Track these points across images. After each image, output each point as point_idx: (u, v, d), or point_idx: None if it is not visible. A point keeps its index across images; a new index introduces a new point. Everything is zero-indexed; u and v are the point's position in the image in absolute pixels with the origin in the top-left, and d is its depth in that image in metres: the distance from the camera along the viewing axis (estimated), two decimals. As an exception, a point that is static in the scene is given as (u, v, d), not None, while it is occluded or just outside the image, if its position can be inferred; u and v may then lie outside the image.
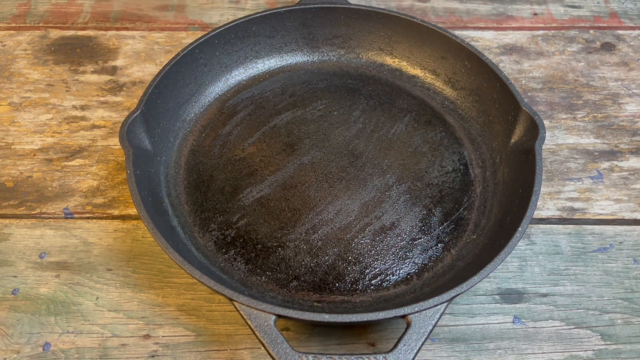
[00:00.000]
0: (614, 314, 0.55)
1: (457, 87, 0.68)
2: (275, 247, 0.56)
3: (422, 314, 0.46)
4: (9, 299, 0.54)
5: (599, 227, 0.60)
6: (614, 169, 0.65)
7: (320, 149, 0.64)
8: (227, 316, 0.54)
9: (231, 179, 0.61)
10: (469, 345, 0.53)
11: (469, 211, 0.60)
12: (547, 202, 0.62)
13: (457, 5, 0.82)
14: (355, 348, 0.53)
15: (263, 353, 0.52)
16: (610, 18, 0.80)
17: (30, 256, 0.57)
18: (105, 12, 0.80)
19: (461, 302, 0.55)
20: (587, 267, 0.57)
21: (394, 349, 0.45)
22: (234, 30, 0.67)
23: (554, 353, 0.52)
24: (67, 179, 0.63)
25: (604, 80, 0.73)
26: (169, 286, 0.56)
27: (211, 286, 0.47)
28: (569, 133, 0.68)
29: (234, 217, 0.58)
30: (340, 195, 0.60)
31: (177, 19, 0.79)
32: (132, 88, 0.71)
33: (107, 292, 0.55)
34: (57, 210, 0.60)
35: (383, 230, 0.58)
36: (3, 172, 0.63)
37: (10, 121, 0.67)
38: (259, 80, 0.70)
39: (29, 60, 0.73)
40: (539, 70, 0.74)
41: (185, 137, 0.64)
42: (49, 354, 0.51)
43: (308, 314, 0.46)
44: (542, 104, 0.70)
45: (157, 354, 0.52)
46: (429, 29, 0.67)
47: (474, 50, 0.65)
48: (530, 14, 0.81)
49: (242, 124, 0.66)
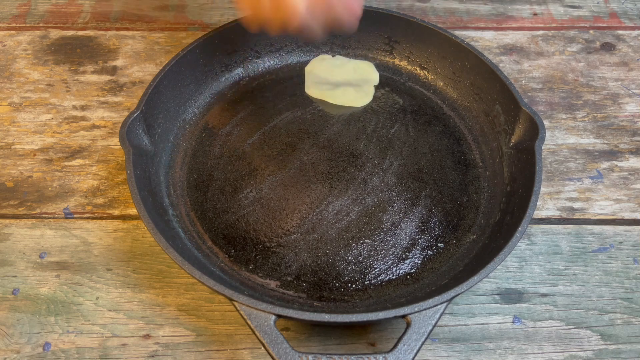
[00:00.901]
0: (613, 314, 0.55)
1: (457, 87, 0.68)
2: (275, 247, 0.56)
3: (422, 314, 0.46)
4: (9, 299, 0.54)
5: (598, 227, 0.60)
6: (614, 169, 0.65)
7: (320, 149, 0.64)
8: (227, 316, 0.54)
9: (231, 179, 0.61)
10: (468, 345, 0.53)
11: (469, 211, 0.60)
12: (547, 202, 0.62)
13: (457, 5, 0.82)
14: (355, 348, 0.53)
15: (263, 353, 0.52)
16: (610, 18, 0.80)
17: (30, 256, 0.57)
18: (105, 12, 0.80)
19: (461, 302, 0.55)
20: (587, 267, 0.58)
21: (394, 349, 0.45)
22: (234, 30, 0.67)
23: (554, 353, 0.52)
24: (67, 179, 0.63)
25: (603, 80, 0.73)
26: (169, 286, 0.56)
27: (211, 286, 0.47)
28: (568, 133, 0.68)
29: (233, 217, 0.58)
30: (340, 195, 0.60)
31: (177, 19, 0.79)
32: (132, 88, 0.71)
33: (107, 292, 0.55)
34: (57, 210, 0.60)
35: (383, 230, 0.58)
36: (3, 172, 0.63)
37: (10, 121, 0.67)
38: (258, 80, 0.70)
39: (29, 60, 0.73)
40: (538, 70, 0.74)
41: (185, 137, 0.64)
42: (49, 354, 0.51)
43: (308, 314, 0.46)
44: (542, 104, 0.70)
45: (157, 354, 0.52)
46: (429, 29, 0.67)
47: (474, 50, 0.65)
48: (530, 14, 0.81)
49: (242, 124, 0.66)
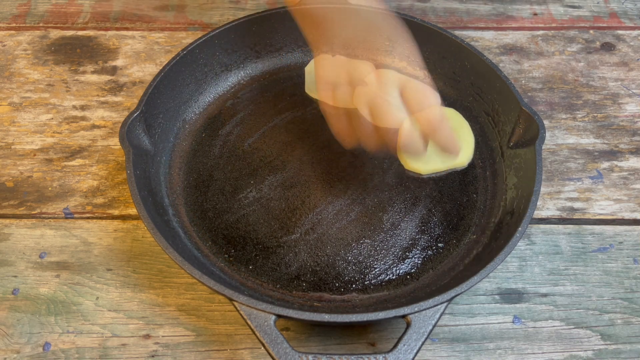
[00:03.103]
0: (613, 314, 0.55)
1: (457, 87, 0.68)
2: (275, 247, 0.56)
3: (422, 314, 0.46)
4: (9, 299, 0.54)
5: (599, 227, 0.60)
6: (614, 169, 0.65)
7: (320, 149, 0.64)
8: (227, 316, 0.54)
9: (231, 179, 0.61)
10: (469, 345, 0.53)
11: (469, 211, 0.60)
12: (547, 202, 0.62)
13: (457, 5, 0.82)
14: (355, 348, 0.53)
15: (263, 353, 0.52)
16: (610, 18, 0.80)
17: (30, 256, 0.57)
18: (105, 12, 0.80)
19: (461, 302, 0.55)
20: (587, 267, 0.58)
21: (394, 349, 0.45)
22: (234, 30, 0.67)
23: (554, 353, 0.52)
24: (67, 179, 0.63)
25: (603, 80, 0.73)
26: (169, 286, 0.56)
27: (211, 286, 0.47)
28: (569, 133, 0.68)
29: (233, 217, 0.58)
30: (340, 195, 0.60)
31: (177, 19, 0.79)
32: (132, 88, 0.71)
33: (107, 292, 0.55)
34: (57, 210, 0.60)
35: (383, 230, 0.58)
36: (3, 172, 0.63)
37: (10, 121, 0.67)
38: (259, 80, 0.70)
39: (29, 60, 0.73)
40: (538, 70, 0.74)
41: (185, 137, 0.64)
42: (49, 354, 0.51)
43: (308, 314, 0.46)
44: (542, 104, 0.70)
45: (157, 354, 0.52)
46: (429, 28, 0.67)
47: (474, 50, 0.65)
48: (530, 14, 0.81)
49: (242, 124, 0.66)
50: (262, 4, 0.82)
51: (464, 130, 0.64)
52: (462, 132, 0.63)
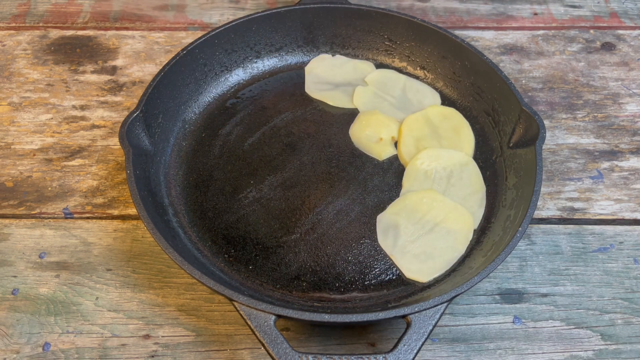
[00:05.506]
0: (614, 314, 0.55)
1: (457, 87, 0.68)
2: (275, 247, 0.56)
3: (422, 314, 0.46)
4: (9, 299, 0.54)
5: (599, 227, 0.60)
6: (614, 169, 0.65)
7: (320, 149, 0.64)
8: (227, 316, 0.54)
9: (231, 179, 0.61)
10: (469, 345, 0.53)
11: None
12: (547, 202, 0.62)
13: (457, 5, 0.82)
14: (355, 348, 0.53)
15: (263, 353, 0.52)
16: (610, 18, 0.80)
17: (30, 256, 0.57)
18: (105, 12, 0.80)
19: (461, 302, 0.55)
20: (587, 267, 0.57)
21: (394, 349, 0.45)
22: (234, 30, 0.67)
23: (554, 353, 0.52)
24: (67, 179, 0.63)
25: (604, 80, 0.73)
26: (169, 286, 0.56)
27: (211, 286, 0.47)
28: (569, 133, 0.68)
29: (233, 217, 0.58)
30: (340, 195, 0.60)
31: (177, 19, 0.79)
32: (132, 88, 0.71)
33: (107, 292, 0.55)
34: (57, 210, 0.60)
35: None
36: (3, 172, 0.63)
37: (10, 121, 0.67)
38: (259, 80, 0.70)
39: (29, 60, 0.73)
40: (539, 70, 0.74)
41: (185, 137, 0.64)
42: (49, 354, 0.51)
43: (308, 314, 0.46)
44: (542, 104, 0.70)
45: (157, 354, 0.52)
46: (429, 28, 0.67)
47: (474, 50, 0.64)
48: (531, 14, 0.81)
49: (242, 124, 0.66)
50: (262, 3, 0.82)
51: (464, 130, 0.64)
52: (462, 132, 0.63)
